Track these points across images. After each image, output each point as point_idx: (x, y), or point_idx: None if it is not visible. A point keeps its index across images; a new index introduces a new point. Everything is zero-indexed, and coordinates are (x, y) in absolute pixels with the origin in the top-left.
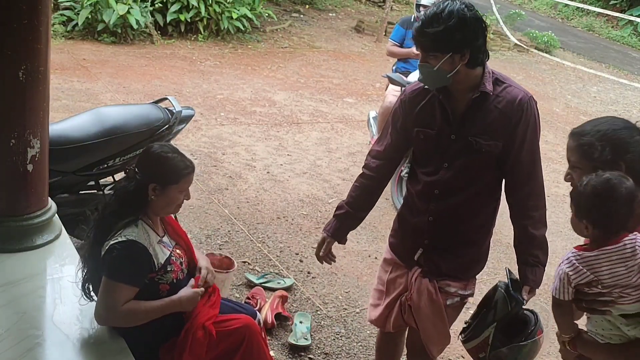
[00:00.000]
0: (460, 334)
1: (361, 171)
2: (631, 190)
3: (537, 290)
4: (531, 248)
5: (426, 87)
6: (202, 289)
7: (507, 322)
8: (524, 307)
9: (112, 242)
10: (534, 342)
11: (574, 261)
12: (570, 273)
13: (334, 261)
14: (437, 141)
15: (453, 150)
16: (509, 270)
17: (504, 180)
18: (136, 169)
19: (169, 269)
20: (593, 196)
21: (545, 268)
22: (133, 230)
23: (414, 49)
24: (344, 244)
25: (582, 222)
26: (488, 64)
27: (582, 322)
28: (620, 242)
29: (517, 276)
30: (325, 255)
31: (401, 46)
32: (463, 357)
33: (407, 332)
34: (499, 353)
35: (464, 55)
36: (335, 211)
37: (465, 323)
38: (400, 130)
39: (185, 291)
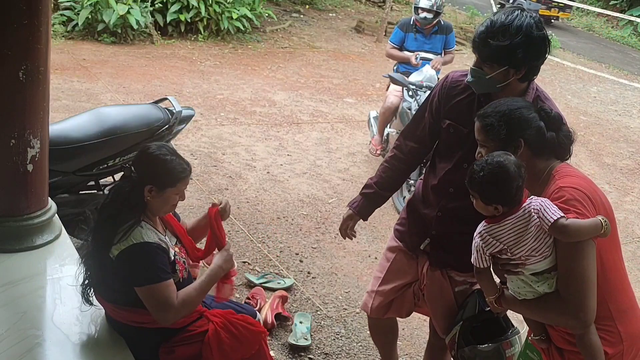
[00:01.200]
0: None
1: (392, 152)
2: (517, 163)
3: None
4: None
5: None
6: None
7: (480, 326)
8: (513, 323)
9: (122, 248)
10: (494, 349)
11: (485, 234)
12: (483, 245)
13: (355, 236)
14: (465, 139)
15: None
16: None
17: None
18: (132, 168)
19: (176, 268)
20: (495, 182)
21: None
22: (139, 232)
23: (412, 58)
24: (366, 220)
25: (490, 206)
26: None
27: None
28: (520, 209)
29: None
30: (350, 231)
31: (400, 49)
32: None
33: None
34: (462, 352)
35: (519, 71)
36: (362, 189)
37: None
38: (435, 115)
39: (220, 256)
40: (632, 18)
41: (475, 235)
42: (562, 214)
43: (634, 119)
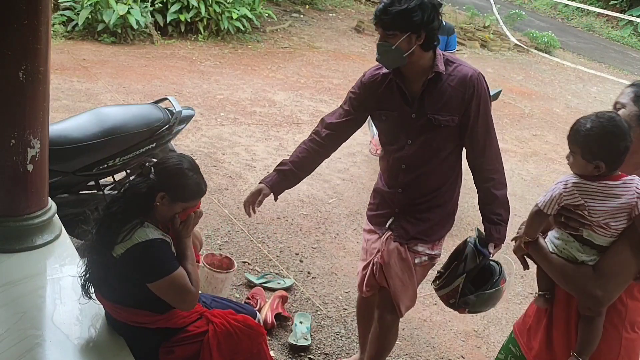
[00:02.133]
0: (433, 282)
1: (311, 136)
2: (628, 123)
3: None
4: (494, 207)
5: (383, 72)
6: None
7: (479, 275)
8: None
9: (128, 247)
10: (498, 290)
11: (571, 185)
12: (564, 194)
13: (255, 212)
14: (399, 121)
15: (415, 127)
16: (478, 229)
17: (464, 150)
18: (152, 169)
19: None
20: (603, 136)
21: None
22: (142, 231)
23: None
24: (276, 199)
25: (592, 163)
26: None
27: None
28: (620, 180)
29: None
30: (254, 205)
31: None
32: (463, 358)
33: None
34: (467, 299)
35: (420, 36)
36: (277, 166)
37: (438, 272)
38: (358, 109)
39: (182, 229)
40: (632, 18)
41: (558, 181)
42: None
43: None
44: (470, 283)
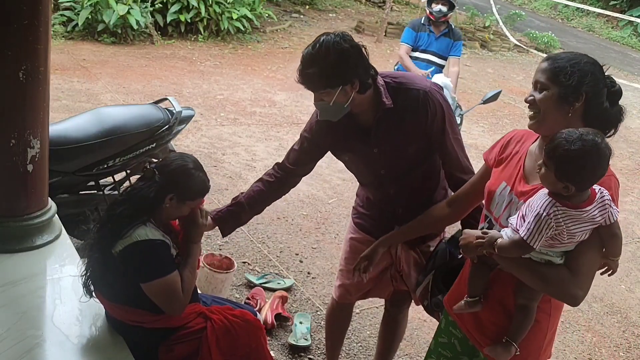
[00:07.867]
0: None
1: (267, 174)
2: (610, 150)
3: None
4: (472, 211)
5: None
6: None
7: (450, 274)
8: None
9: (126, 245)
10: None
11: (561, 218)
12: (554, 226)
13: None
14: (363, 159)
15: (382, 160)
16: (460, 230)
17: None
18: (156, 171)
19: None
20: (581, 161)
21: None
22: (143, 230)
23: (421, 73)
24: (224, 235)
25: (562, 183)
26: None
27: None
28: (593, 202)
29: None
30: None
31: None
32: None
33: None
34: (436, 300)
35: (354, 84)
36: (232, 201)
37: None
38: (312, 153)
39: (194, 233)
40: (632, 18)
41: (542, 211)
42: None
43: (634, 119)
44: (443, 285)
